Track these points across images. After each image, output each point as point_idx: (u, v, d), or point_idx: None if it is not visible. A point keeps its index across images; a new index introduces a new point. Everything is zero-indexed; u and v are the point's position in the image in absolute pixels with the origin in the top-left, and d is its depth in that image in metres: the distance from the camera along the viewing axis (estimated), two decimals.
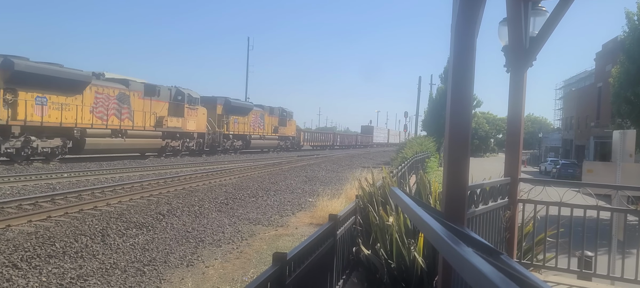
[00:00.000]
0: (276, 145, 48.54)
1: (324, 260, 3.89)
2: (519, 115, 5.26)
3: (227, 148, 38.54)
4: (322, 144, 67.48)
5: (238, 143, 40.18)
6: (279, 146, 49.44)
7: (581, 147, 50.37)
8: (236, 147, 40.02)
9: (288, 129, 51.61)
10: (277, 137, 48.59)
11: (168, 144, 30.13)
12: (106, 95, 25.07)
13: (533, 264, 5.35)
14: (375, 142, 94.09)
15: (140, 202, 12.84)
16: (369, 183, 6.82)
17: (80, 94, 23.13)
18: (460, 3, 3.05)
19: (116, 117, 25.66)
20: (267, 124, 46.21)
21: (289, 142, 52.36)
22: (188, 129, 31.87)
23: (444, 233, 1.85)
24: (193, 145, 33.22)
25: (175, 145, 31.12)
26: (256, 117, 43.55)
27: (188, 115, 31.74)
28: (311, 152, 53.87)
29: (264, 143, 45.72)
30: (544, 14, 5.19)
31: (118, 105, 25.88)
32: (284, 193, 16.68)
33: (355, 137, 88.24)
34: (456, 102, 3.10)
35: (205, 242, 9.25)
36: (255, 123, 43.27)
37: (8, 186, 14.17)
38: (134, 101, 27.17)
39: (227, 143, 38.33)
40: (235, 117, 39.11)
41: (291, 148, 53.19)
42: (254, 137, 43.10)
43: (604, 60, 43.03)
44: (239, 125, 39.97)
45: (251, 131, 42.41)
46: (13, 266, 6.96)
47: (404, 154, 25.09)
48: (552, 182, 6.14)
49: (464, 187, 3.20)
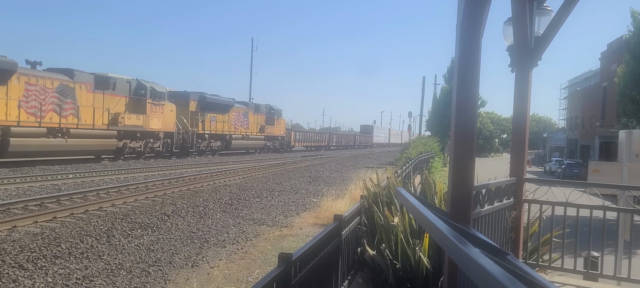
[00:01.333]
0: (262, 146, 44.19)
1: (329, 261, 3.89)
2: (524, 115, 5.24)
3: (203, 150, 34.47)
4: (317, 144, 63.49)
5: (216, 143, 36.02)
6: (265, 147, 45.09)
7: (586, 147, 50.14)
8: (214, 148, 35.87)
9: (276, 128, 47.40)
10: (264, 136, 44.44)
11: (126, 145, 25.91)
12: (41, 87, 21.02)
13: (539, 265, 5.33)
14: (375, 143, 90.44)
15: (145, 202, 12.87)
16: (374, 184, 6.81)
17: (4, 84, 19.17)
18: (465, 3, 3.05)
19: (55, 113, 21.65)
20: (252, 122, 41.98)
21: (277, 143, 48.17)
22: (152, 127, 27.67)
23: (450, 233, 1.85)
24: (159, 146, 29.05)
25: (136, 146, 26.86)
26: (238, 115, 39.29)
27: (152, 112, 27.59)
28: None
29: (248, 143, 41.35)
30: (549, 13, 5.18)
31: (58, 100, 21.81)
32: (289, 193, 16.69)
33: (353, 137, 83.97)
34: (461, 101, 3.09)
35: (209, 243, 9.26)
36: (237, 121, 39.03)
37: (14, 187, 14.25)
38: (80, 95, 23.06)
39: (202, 144, 34.23)
40: (213, 115, 35.09)
41: (280, 149, 49.07)
42: (236, 136, 38.77)
43: (609, 60, 42.82)
44: (218, 124, 35.76)
45: (232, 130, 38.08)
46: (19, 267, 6.99)
47: (408, 154, 25.06)
48: (557, 182, 6.12)
49: (469, 187, 3.20)
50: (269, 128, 45.78)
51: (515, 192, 5.03)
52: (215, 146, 36.03)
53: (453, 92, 3.17)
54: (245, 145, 41.08)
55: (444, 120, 41.09)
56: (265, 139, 44.93)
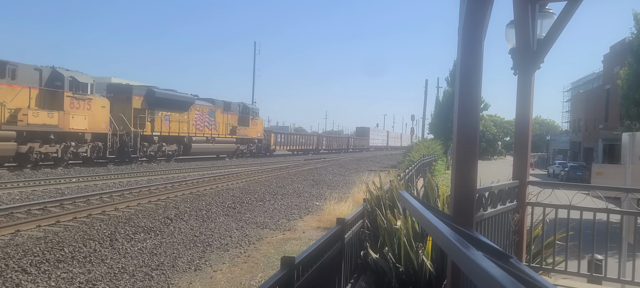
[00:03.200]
0: (234, 149, 38.54)
1: (332, 264, 3.89)
2: (527, 118, 5.23)
3: (152, 155, 28.91)
4: (303, 148, 57.19)
5: (170, 147, 30.77)
6: (238, 151, 39.48)
7: (589, 149, 50.01)
8: (167, 153, 30.59)
9: (251, 130, 41.66)
10: (235, 139, 38.55)
11: (33, 150, 20.75)
12: None
13: (542, 268, 5.31)
14: (372, 146, 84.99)
15: (148, 206, 12.89)
16: (377, 187, 6.80)
17: None
18: (467, 6, 3.05)
19: None
20: (221, 122, 36.37)
21: (253, 146, 42.59)
22: (73, 127, 22.43)
23: (453, 236, 1.85)
24: (86, 151, 23.67)
25: (50, 152, 21.57)
26: (201, 114, 33.87)
27: (73, 108, 22.36)
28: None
29: (214, 147, 35.50)
30: (552, 16, 5.17)
31: None
32: (291, 197, 16.68)
33: (345, 139, 76.94)
34: (464, 104, 3.09)
35: (213, 246, 9.26)
36: (200, 121, 33.62)
37: (17, 191, 14.29)
38: None
39: (150, 147, 28.64)
40: (166, 113, 29.90)
41: (257, 154, 43.47)
42: (198, 139, 33.28)
43: (612, 62, 42.75)
44: (173, 124, 30.54)
45: (193, 132, 32.71)
46: (22, 271, 7.00)
47: (410, 157, 25.04)
48: (561, 184, 6.10)
49: (472, 190, 3.19)
50: (243, 129, 40.12)
51: (519, 195, 5.02)
52: (169, 150, 30.73)
53: (455, 94, 3.17)
54: (211, 149, 35.30)
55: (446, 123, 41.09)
56: (238, 141, 39.34)
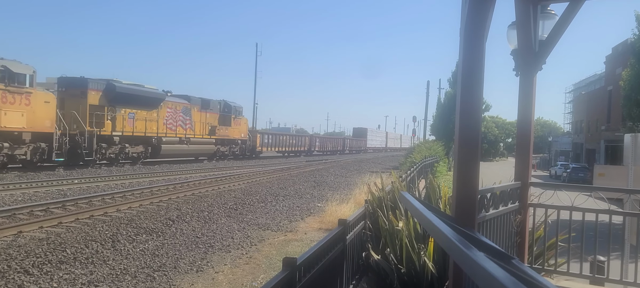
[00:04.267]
0: (213, 151, 35.12)
1: (333, 265, 3.89)
2: (529, 119, 5.23)
3: (112, 157, 25.57)
4: (293, 149, 53.31)
5: (135, 149, 27.27)
6: (218, 153, 36.06)
7: (592, 150, 49.93)
8: (132, 156, 27.16)
9: (234, 130, 38.04)
10: (215, 140, 35.16)
11: None
12: None
13: (544, 269, 5.30)
14: (370, 147, 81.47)
15: (150, 207, 12.90)
16: (378, 188, 6.80)
17: None
18: (469, 7, 3.05)
19: None
20: (198, 122, 33.21)
21: (236, 147, 39.04)
22: (6, 125, 19.29)
23: (455, 237, 1.84)
24: (25, 154, 20.42)
25: None
26: (174, 112, 30.64)
27: (5, 103, 19.29)
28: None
29: (189, 149, 32.30)
30: (553, 17, 5.17)
31: None
32: (293, 198, 16.69)
33: (341, 141, 73.02)
34: (466, 105, 3.09)
35: (214, 248, 9.27)
36: (172, 120, 30.31)
37: (20, 192, 14.32)
38: None
39: (110, 149, 25.24)
40: (130, 111, 26.52)
41: (241, 156, 40.16)
42: (169, 140, 29.94)
43: (614, 63, 42.68)
44: (139, 123, 27.16)
45: (164, 131, 29.38)
46: (25, 272, 7.02)
47: (412, 159, 25.03)
48: (563, 186, 6.09)
49: (474, 191, 3.19)
50: (223, 129, 36.46)
51: (521, 196, 5.02)
52: (134, 152, 27.24)
53: (457, 95, 3.17)
54: (185, 151, 32.06)
55: (448, 125, 41.06)
56: (218, 142, 35.84)
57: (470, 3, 3.04)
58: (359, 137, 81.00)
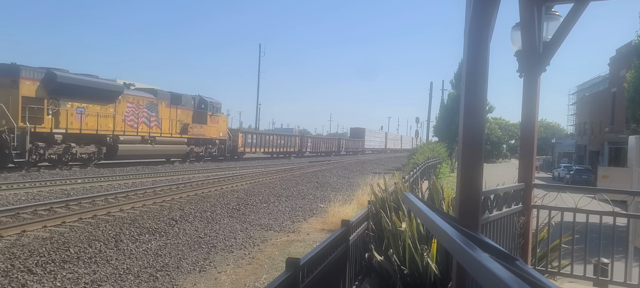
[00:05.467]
0: (184, 152, 31.20)
1: (336, 266, 3.89)
2: (533, 121, 5.22)
3: (54, 159, 21.79)
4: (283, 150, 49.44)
5: (85, 149, 23.43)
6: (191, 153, 32.10)
7: (595, 152, 49.78)
8: (81, 157, 23.26)
9: (211, 128, 34.11)
10: (187, 139, 31.37)
11: None
12: None
13: (548, 271, 5.29)
14: (368, 148, 77.77)
15: (153, 207, 12.93)
16: (381, 189, 6.80)
17: None
18: (473, 8, 3.05)
19: None
20: (167, 118, 29.35)
21: (214, 148, 35.13)
22: None
23: (458, 238, 1.84)
24: None
25: None
26: (136, 107, 26.81)
27: None
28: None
29: (154, 149, 28.06)
30: (558, 18, 5.16)
31: None
32: (296, 199, 16.69)
33: (336, 141, 68.65)
34: (470, 106, 3.09)
35: (217, 248, 9.28)
36: (133, 116, 26.49)
37: (23, 192, 14.36)
38: None
39: (50, 150, 21.46)
40: (78, 105, 22.74)
41: (220, 157, 36.39)
42: (128, 139, 25.99)
43: (618, 65, 42.57)
44: (90, 119, 23.49)
45: (122, 129, 25.60)
46: (28, 271, 7.04)
47: (415, 160, 25.01)
48: (566, 187, 6.08)
49: (478, 193, 3.18)
50: (198, 127, 32.64)
51: (524, 198, 5.01)
52: (83, 153, 23.39)
53: (461, 96, 3.17)
54: (149, 151, 27.88)
55: (451, 126, 40.98)
56: (191, 142, 32.06)
57: (474, 4, 3.03)
58: (356, 137, 76.86)
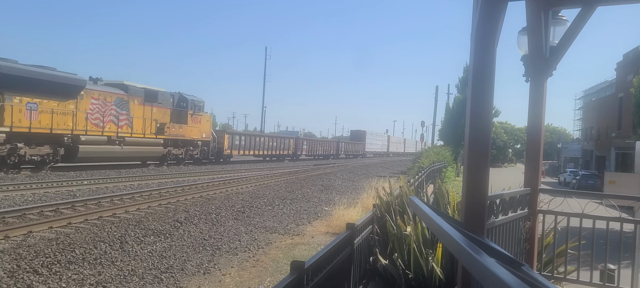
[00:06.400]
0: (161, 153, 28.44)
1: (341, 269, 3.88)
2: (539, 125, 5.20)
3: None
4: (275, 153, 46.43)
5: (37, 150, 20.74)
6: (169, 155, 29.42)
7: (602, 158, 49.49)
8: (32, 159, 20.58)
9: (192, 129, 31.45)
10: (164, 140, 28.53)
11: None
12: None
13: (554, 276, 5.26)
14: (369, 151, 75.40)
15: (158, 209, 12.96)
16: (387, 193, 6.78)
17: None
18: (480, 12, 3.04)
19: None
20: (139, 117, 26.57)
21: (196, 150, 32.47)
22: None
23: (464, 242, 1.84)
24: None
25: None
26: (102, 104, 24.00)
27: None
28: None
29: (123, 151, 25.20)
30: (565, 23, 5.15)
31: None
32: (300, 201, 16.68)
33: (335, 144, 65.03)
34: (476, 110, 3.08)
35: (222, 250, 9.29)
36: (98, 114, 23.67)
37: (30, 193, 14.45)
38: None
39: None
40: (30, 100, 20.14)
41: (205, 160, 34.05)
42: (91, 139, 23.16)
43: (625, 70, 42.33)
44: (44, 116, 20.73)
45: (84, 128, 22.81)
46: (34, 272, 7.07)
47: (420, 163, 24.95)
48: (573, 192, 6.04)
49: (483, 197, 3.17)
50: (177, 127, 29.79)
51: (530, 203, 4.98)
52: (35, 155, 20.69)
53: (467, 100, 3.16)
54: (117, 153, 25.01)
55: (456, 130, 40.89)
56: (169, 143, 29.31)
57: (481, 8, 3.03)
58: (356, 140, 74.01)
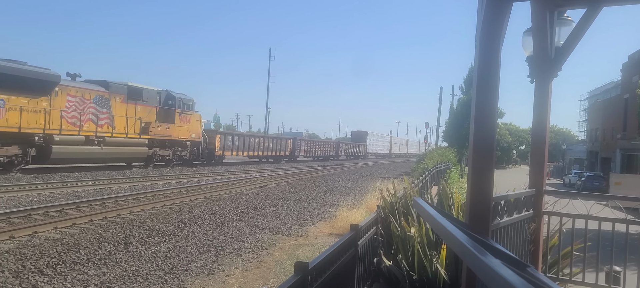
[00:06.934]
0: (146, 154, 26.80)
1: (345, 271, 3.87)
2: (544, 127, 5.18)
3: None
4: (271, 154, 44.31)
5: (5, 151, 19.45)
6: (155, 156, 27.68)
7: (607, 159, 49.25)
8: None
9: (180, 128, 29.73)
10: (149, 140, 26.81)
11: None
12: None
13: (559, 278, 5.23)
14: (370, 152, 73.54)
15: (162, 210, 12.98)
16: (391, 194, 6.77)
17: None
18: (485, 13, 3.03)
19: None
20: (122, 116, 25.05)
21: (185, 151, 30.69)
22: None
23: (469, 243, 1.82)
24: None
25: None
26: (80, 101, 22.43)
27: None
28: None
29: (103, 152, 23.58)
30: (570, 23, 5.12)
31: None
32: (304, 203, 16.68)
33: (335, 145, 62.82)
34: (480, 111, 3.07)
35: (225, 251, 9.29)
36: (74, 112, 22.08)
37: (35, 193, 14.50)
38: None
39: None
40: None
41: (196, 162, 32.15)
42: (66, 139, 21.55)
43: (631, 71, 42.14)
44: (12, 114, 19.34)
45: (59, 126, 21.30)
46: (39, 272, 7.09)
47: (424, 165, 24.91)
48: (578, 194, 6.01)
49: (488, 198, 3.16)
50: (163, 127, 28.04)
51: (535, 204, 4.96)
52: (1, 156, 19.38)
53: (472, 101, 3.15)
54: (96, 154, 23.34)
55: (461, 131, 40.74)
56: (155, 144, 27.55)
57: (486, 9, 3.02)
58: (357, 141, 71.99)
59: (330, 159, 56.49)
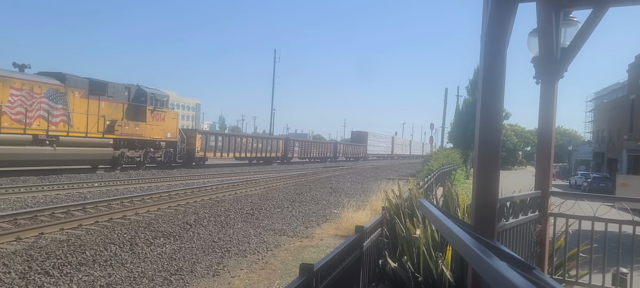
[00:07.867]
0: (110, 156, 23.92)
1: (350, 272, 3.86)
2: (550, 128, 5.16)
3: None
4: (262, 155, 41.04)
5: None
6: (123, 158, 24.91)
7: (613, 160, 48.98)
8: None
9: (153, 127, 26.87)
10: (113, 140, 24.02)
11: None
12: None
13: (565, 280, 5.20)
14: (371, 154, 70.76)
15: (168, 211, 13.02)
16: (396, 195, 6.76)
17: None
18: (490, 14, 3.03)
19: None
20: (83, 112, 22.42)
21: (158, 152, 27.92)
22: None
23: (475, 245, 1.82)
24: None
25: None
26: (28, 95, 19.91)
27: None
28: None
29: (56, 153, 20.85)
30: (576, 24, 5.10)
31: None
32: (309, 204, 16.68)
33: (332, 146, 59.26)
34: (486, 113, 3.06)
35: (231, 252, 9.31)
36: (21, 107, 19.55)
37: (42, 195, 14.59)
38: None
39: None
40: None
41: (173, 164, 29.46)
42: (8, 138, 18.86)
43: (637, 72, 41.90)
44: None
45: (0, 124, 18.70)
46: (45, 273, 7.13)
47: (429, 166, 24.86)
48: (585, 195, 5.98)
49: (494, 200, 3.15)
50: (132, 125, 25.31)
51: (541, 205, 4.94)
52: None
53: (477, 102, 3.14)
54: (49, 156, 20.70)
55: (466, 132, 40.65)
56: (121, 144, 24.82)
57: (491, 10, 3.01)
58: (357, 141, 68.77)
59: (328, 161, 53.96)
